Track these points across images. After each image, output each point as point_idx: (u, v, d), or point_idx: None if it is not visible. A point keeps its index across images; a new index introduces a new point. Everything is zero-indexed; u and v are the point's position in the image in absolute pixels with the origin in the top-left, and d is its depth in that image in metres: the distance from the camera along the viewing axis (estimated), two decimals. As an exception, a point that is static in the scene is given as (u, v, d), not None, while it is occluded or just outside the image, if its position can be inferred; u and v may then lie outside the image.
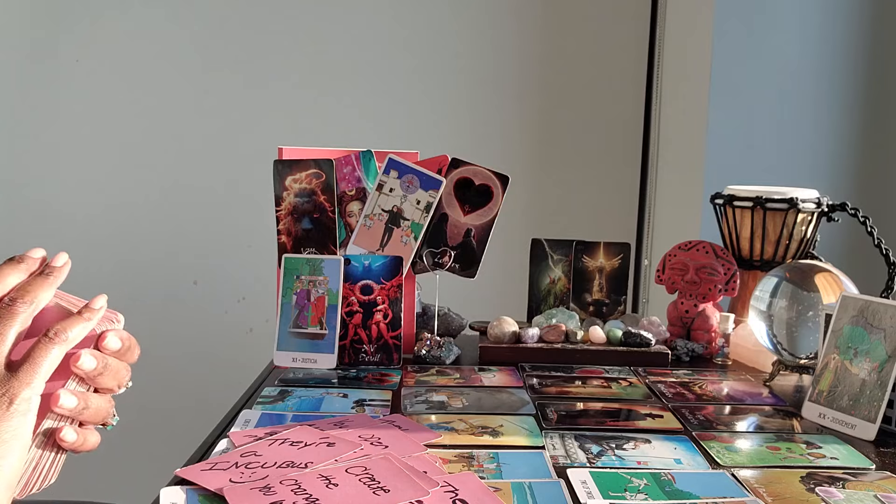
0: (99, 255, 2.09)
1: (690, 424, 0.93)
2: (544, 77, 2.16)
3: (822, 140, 1.92)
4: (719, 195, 1.36)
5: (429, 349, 1.18)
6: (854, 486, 0.76)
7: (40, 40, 2.08)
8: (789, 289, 1.11)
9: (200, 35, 2.10)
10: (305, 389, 1.03)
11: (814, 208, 1.29)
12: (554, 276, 1.33)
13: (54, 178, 2.12)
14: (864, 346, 0.94)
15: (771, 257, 1.31)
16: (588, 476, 0.77)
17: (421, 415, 0.94)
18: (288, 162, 1.21)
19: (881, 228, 1.27)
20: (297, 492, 0.69)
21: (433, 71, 2.14)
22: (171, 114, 2.12)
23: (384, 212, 1.21)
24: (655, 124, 2.09)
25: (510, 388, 1.06)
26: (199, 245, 2.15)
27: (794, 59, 1.89)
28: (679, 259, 1.29)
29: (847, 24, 1.89)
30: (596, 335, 1.21)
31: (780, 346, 1.11)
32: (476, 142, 2.11)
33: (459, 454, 0.82)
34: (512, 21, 2.13)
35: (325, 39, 2.12)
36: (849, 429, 0.92)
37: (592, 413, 0.97)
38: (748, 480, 0.77)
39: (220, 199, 2.15)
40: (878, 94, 1.93)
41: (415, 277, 1.24)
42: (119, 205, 2.13)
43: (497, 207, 1.22)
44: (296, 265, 1.17)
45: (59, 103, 2.10)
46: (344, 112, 2.13)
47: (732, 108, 1.88)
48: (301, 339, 1.14)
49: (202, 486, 0.72)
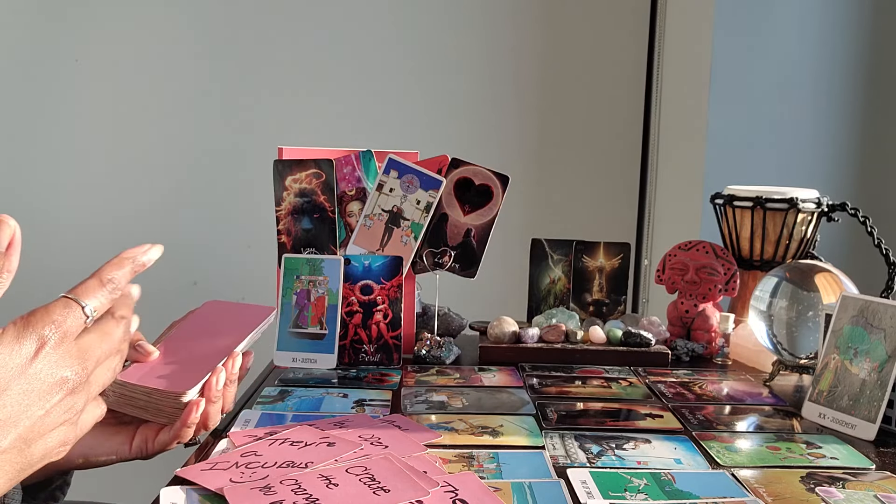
0: (98, 256, 2.08)
1: (690, 424, 0.93)
2: (544, 77, 2.16)
3: (822, 140, 1.92)
4: (719, 195, 1.36)
5: (429, 349, 1.18)
6: (854, 486, 0.76)
7: (40, 40, 2.08)
8: (789, 289, 1.11)
9: (201, 35, 2.10)
10: (305, 389, 1.03)
11: (814, 208, 1.29)
12: (554, 276, 1.33)
13: (54, 178, 2.12)
14: (864, 346, 0.94)
15: (771, 257, 1.31)
16: (588, 476, 0.77)
17: (421, 415, 0.94)
18: (288, 162, 1.21)
19: (881, 228, 1.27)
20: (298, 492, 0.69)
21: (433, 71, 2.14)
22: (171, 114, 2.12)
23: (384, 212, 1.21)
24: (655, 124, 2.09)
25: (510, 388, 1.06)
26: (199, 245, 2.15)
27: (794, 59, 1.89)
28: (679, 259, 1.29)
29: (847, 24, 1.89)
30: (596, 335, 1.21)
31: (780, 346, 1.11)
32: (476, 142, 2.11)
33: (459, 454, 0.82)
34: (512, 21, 2.13)
35: (325, 39, 2.12)
36: (849, 429, 0.92)
37: (592, 413, 0.97)
38: (748, 480, 0.77)
39: (220, 199, 2.15)
40: (878, 94, 1.93)
41: (415, 277, 1.24)
42: (119, 205, 2.13)
43: (497, 207, 1.22)
44: (296, 265, 1.17)
45: (59, 103, 2.10)
46: (344, 112, 2.13)
47: (732, 108, 1.88)
48: (301, 339, 1.14)
49: (202, 486, 0.72)
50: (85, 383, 0.60)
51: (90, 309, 0.61)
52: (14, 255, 0.60)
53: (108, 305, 0.63)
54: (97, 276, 0.63)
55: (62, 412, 0.58)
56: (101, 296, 0.62)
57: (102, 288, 0.62)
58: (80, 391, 0.59)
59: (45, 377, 0.56)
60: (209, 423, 0.80)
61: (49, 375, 0.57)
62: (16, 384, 0.55)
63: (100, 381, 0.62)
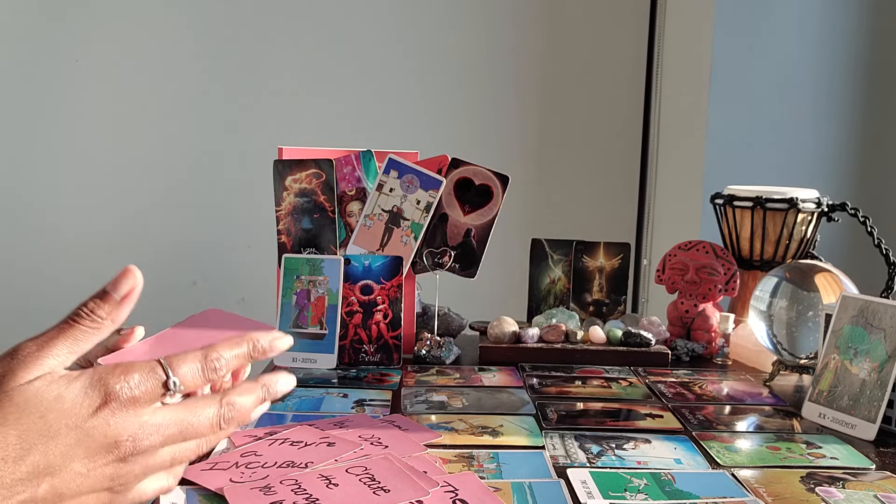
0: (98, 256, 2.09)
1: (690, 424, 0.93)
2: (544, 77, 2.16)
3: (822, 139, 1.92)
4: (719, 195, 1.36)
5: (429, 349, 1.18)
6: (854, 486, 0.76)
7: (40, 40, 2.08)
8: (789, 289, 1.11)
9: (201, 36, 2.10)
10: (305, 389, 1.03)
11: (814, 208, 1.29)
12: (554, 276, 1.33)
13: (54, 178, 2.12)
14: (864, 346, 0.94)
15: (771, 257, 1.31)
16: (588, 476, 0.77)
17: (421, 415, 0.94)
18: (288, 162, 1.21)
19: (881, 228, 1.27)
20: (298, 492, 0.69)
21: (433, 71, 2.14)
22: (172, 114, 2.12)
23: (384, 212, 1.21)
24: (655, 124, 2.09)
25: (510, 388, 1.06)
26: (199, 245, 2.15)
27: (795, 59, 1.89)
28: (679, 259, 1.29)
29: (847, 24, 1.89)
30: (596, 335, 1.21)
31: (780, 346, 1.11)
32: (476, 142, 2.11)
33: (459, 454, 0.82)
34: (512, 21, 2.13)
35: (325, 39, 2.12)
36: (849, 429, 0.92)
37: (592, 413, 0.97)
38: (748, 480, 0.77)
39: (220, 199, 2.15)
40: (878, 94, 1.93)
41: (415, 277, 1.24)
42: (119, 205, 2.13)
43: (497, 207, 1.22)
44: (296, 265, 1.17)
45: (59, 103, 2.10)
46: (344, 112, 2.13)
47: (732, 108, 1.88)
48: (301, 339, 1.14)
49: (202, 486, 0.72)
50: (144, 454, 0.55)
51: (174, 382, 0.56)
52: (126, 309, 0.57)
53: (200, 385, 0.58)
54: (204, 352, 0.58)
55: (104, 478, 0.54)
56: (194, 376, 0.57)
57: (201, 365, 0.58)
58: (131, 461, 0.55)
59: (96, 436, 0.53)
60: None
61: (101, 436, 0.53)
62: (68, 434, 0.52)
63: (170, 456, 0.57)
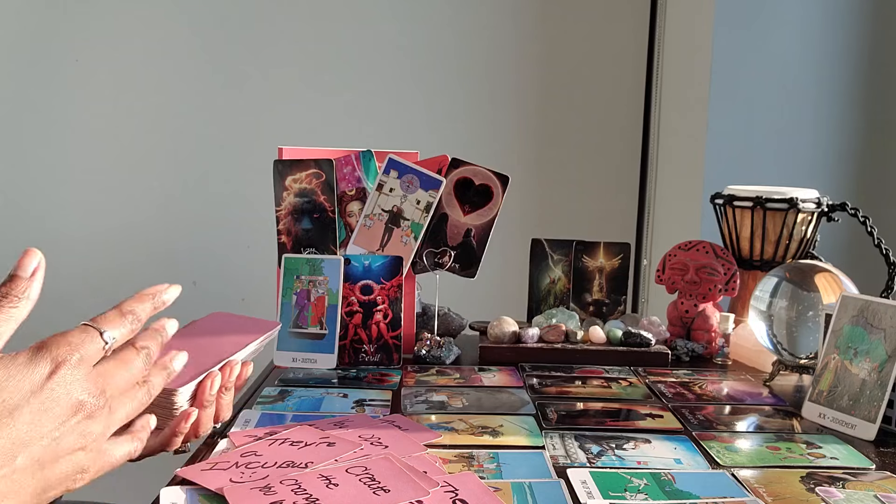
0: (98, 256, 2.09)
1: (690, 424, 0.93)
2: (544, 77, 2.16)
3: (822, 140, 1.92)
4: (719, 195, 1.36)
5: (429, 349, 1.18)
6: (854, 486, 0.76)
7: (40, 40, 2.08)
8: (789, 289, 1.11)
9: (200, 36, 2.10)
10: (305, 389, 1.03)
11: (814, 208, 1.29)
12: (554, 276, 1.33)
13: (53, 178, 2.12)
14: (864, 346, 0.94)
15: (771, 257, 1.31)
16: (588, 476, 0.77)
17: (421, 415, 0.94)
18: (288, 162, 1.21)
19: (881, 228, 1.27)
20: (298, 492, 0.69)
21: (433, 71, 2.14)
22: (171, 114, 2.12)
23: (384, 212, 1.21)
24: (655, 124, 2.09)
25: (510, 388, 1.06)
26: (199, 245, 2.15)
27: (794, 59, 1.89)
28: (679, 259, 1.29)
29: (847, 24, 1.89)
30: (596, 335, 1.21)
31: (780, 346, 1.11)
32: (476, 142, 2.11)
33: (459, 454, 0.82)
34: (511, 21, 2.13)
35: (325, 40, 2.12)
36: (849, 429, 0.92)
37: (592, 413, 0.97)
38: (748, 480, 0.77)
39: (220, 199, 2.15)
40: (878, 94, 1.93)
41: (415, 277, 1.24)
42: (118, 205, 2.13)
43: (497, 207, 1.22)
44: (296, 265, 1.17)
45: (59, 103, 2.10)
46: (344, 112, 2.13)
47: (732, 108, 1.88)
48: (301, 339, 1.14)
49: (202, 486, 0.72)
50: (103, 409, 0.59)
51: (109, 336, 0.60)
52: (36, 284, 0.59)
53: (127, 336, 0.63)
54: (117, 307, 0.63)
55: (77, 437, 0.57)
56: (120, 326, 0.62)
57: (122, 318, 0.62)
58: (97, 417, 0.59)
59: (59, 398, 0.56)
60: (200, 431, 0.79)
61: (64, 397, 0.56)
62: (28, 405, 0.54)
63: (123, 411, 0.62)
